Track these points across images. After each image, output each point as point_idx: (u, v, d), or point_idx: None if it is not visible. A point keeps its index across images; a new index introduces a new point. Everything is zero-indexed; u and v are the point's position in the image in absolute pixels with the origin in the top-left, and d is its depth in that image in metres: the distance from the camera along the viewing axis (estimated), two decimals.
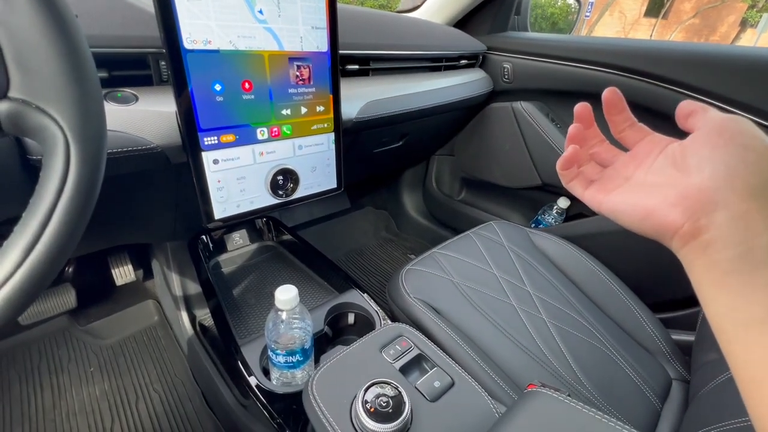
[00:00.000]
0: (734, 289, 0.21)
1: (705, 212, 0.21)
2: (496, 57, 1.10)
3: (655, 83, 0.81)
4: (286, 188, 0.64)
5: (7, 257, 0.24)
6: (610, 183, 0.28)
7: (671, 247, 0.24)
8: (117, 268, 1.03)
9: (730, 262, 0.21)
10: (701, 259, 0.22)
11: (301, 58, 0.59)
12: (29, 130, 0.25)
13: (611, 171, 0.29)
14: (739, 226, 0.20)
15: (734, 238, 0.21)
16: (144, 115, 0.50)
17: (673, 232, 0.23)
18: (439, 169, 1.42)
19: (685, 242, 0.23)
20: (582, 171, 0.30)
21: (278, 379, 0.57)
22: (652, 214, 0.24)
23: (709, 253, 0.21)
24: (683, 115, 0.25)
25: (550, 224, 1.08)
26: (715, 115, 0.23)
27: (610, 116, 0.29)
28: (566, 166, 0.30)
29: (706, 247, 0.22)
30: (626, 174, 0.27)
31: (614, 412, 0.58)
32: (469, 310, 0.66)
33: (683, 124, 0.25)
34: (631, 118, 0.29)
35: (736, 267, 0.21)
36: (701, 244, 0.22)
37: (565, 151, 0.30)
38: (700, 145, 0.23)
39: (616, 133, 0.30)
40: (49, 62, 0.25)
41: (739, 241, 0.20)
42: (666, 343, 0.69)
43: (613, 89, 0.29)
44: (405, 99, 0.86)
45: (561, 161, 0.30)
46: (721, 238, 0.21)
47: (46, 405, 0.85)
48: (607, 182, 0.28)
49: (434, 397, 0.46)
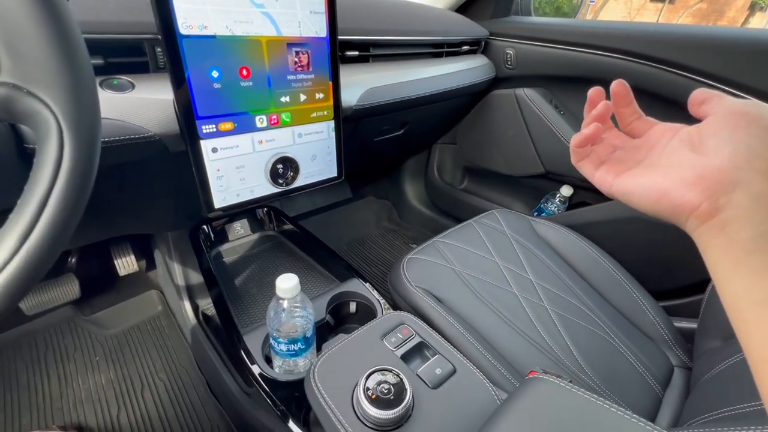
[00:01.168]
0: (752, 268, 0.20)
1: (725, 191, 0.21)
2: (498, 42, 1.08)
3: (663, 68, 0.79)
4: (286, 177, 0.64)
5: (2, 244, 0.23)
6: (621, 165, 0.27)
7: (685, 227, 0.24)
8: (119, 258, 1.03)
9: (751, 241, 0.20)
10: (719, 239, 0.22)
11: (300, 43, 0.58)
12: (21, 115, 0.25)
13: (622, 153, 0.28)
14: (760, 205, 0.20)
15: (755, 218, 0.20)
16: (141, 102, 0.49)
17: (690, 212, 0.23)
18: (440, 158, 1.40)
19: (702, 222, 0.22)
20: (594, 149, 0.30)
21: (281, 367, 0.58)
22: (667, 195, 0.23)
23: (728, 233, 0.21)
24: (697, 101, 0.25)
25: (553, 212, 1.07)
26: (733, 100, 0.23)
27: (618, 108, 0.29)
28: (583, 144, 0.29)
29: (724, 226, 0.21)
30: (638, 157, 0.27)
31: (615, 398, 0.58)
32: (471, 299, 0.66)
33: (696, 111, 0.25)
34: (638, 111, 0.29)
35: (757, 246, 0.20)
36: (719, 224, 0.22)
37: (587, 128, 0.29)
38: (720, 126, 0.23)
39: (624, 126, 0.30)
40: (39, 45, 0.24)
41: (760, 220, 0.20)
42: (668, 331, 0.69)
43: (622, 82, 0.29)
44: (406, 86, 0.85)
45: (579, 137, 0.29)
46: (740, 218, 0.21)
47: (53, 393, 0.86)
48: (617, 164, 0.28)
49: (436, 384, 0.46)
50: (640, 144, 0.28)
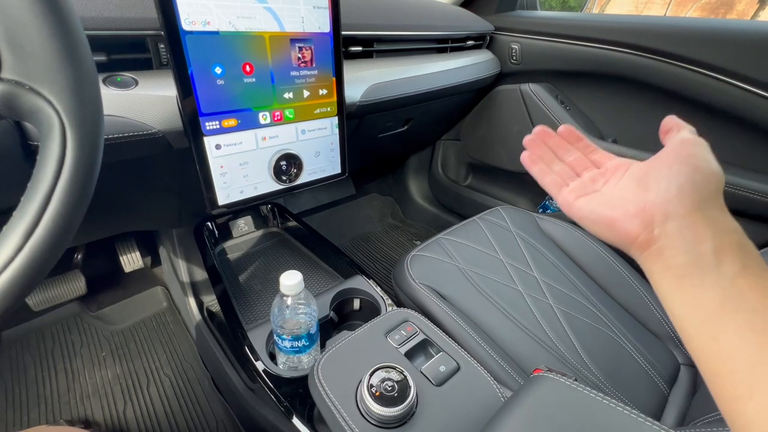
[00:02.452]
0: (688, 291, 0.23)
1: (658, 223, 0.24)
2: (503, 37, 1.07)
3: (670, 62, 0.77)
4: (290, 174, 0.64)
5: (7, 241, 0.23)
6: (581, 190, 0.31)
7: (632, 254, 0.27)
8: (125, 255, 1.04)
9: (682, 267, 0.23)
10: (657, 265, 0.25)
11: (303, 39, 0.57)
12: (24, 112, 0.25)
13: (585, 180, 0.32)
14: (687, 234, 0.23)
15: (683, 246, 0.23)
16: (144, 99, 0.49)
17: (632, 240, 0.26)
18: (444, 154, 1.40)
19: (642, 250, 0.25)
20: (559, 173, 0.33)
21: (285, 363, 0.58)
22: (615, 224, 0.27)
23: (664, 259, 0.24)
24: (664, 130, 0.28)
25: (558, 209, 1.06)
26: (679, 137, 0.26)
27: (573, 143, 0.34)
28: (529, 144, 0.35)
29: (660, 253, 0.24)
30: (596, 186, 0.31)
31: (621, 396, 0.58)
32: (475, 296, 0.66)
33: (662, 138, 0.28)
34: (591, 146, 0.34)
35: (688, 271, 0.23)
36: (656, 252, 0.24)
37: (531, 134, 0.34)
38: (660, 165, 0.26)
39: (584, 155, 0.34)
40: (40, 42, 0.24)
41: (687, 248, 0.23)
42: (674, 328, 0.68)
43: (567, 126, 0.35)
44: (410, 82, 0.84)
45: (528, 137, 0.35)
46: (672, 246, 0.24)
47: (61, 388, 0.87)
48: (579, 189, 0.31)
49: (440, 382, 0.46)
50: (598, 176, 0.31)
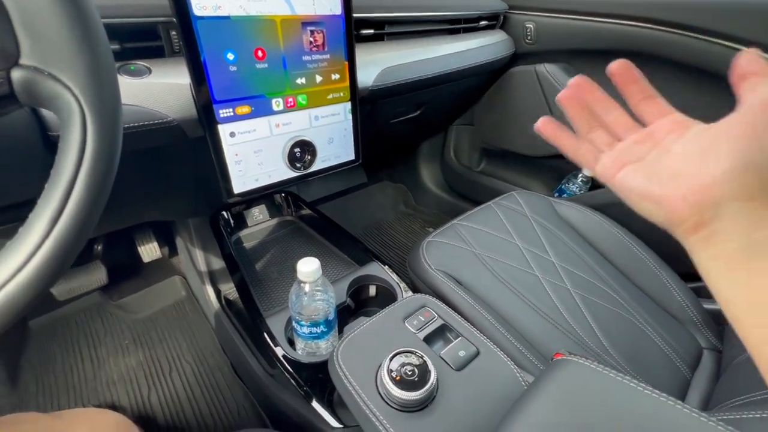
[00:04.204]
0: (739, 278, 0.21)
1: (714, 206, 0.21)
2: (518, 16, 1.04)
3: (695, 36, 0.74)
4: (304, 161, 0.63)
5: (33, 228, 0.24)
6: (623, 158, 0.26)
7: (676, 235, 0.24)
8: (143, 245, 1.06)
9: (736, 252, 0.21)
10: (707, 251, 0.22)
11: (315, 22, 0.56)
12: (44, 99, 0.25)
13: (624, 145, 0.27)
14: (743, 221, 0.21)
15: (737, 232, 0.21)
16: (158, 87, 0.49)
17: (680, 223, 0.23)
18: (457, 140, 1.37)
19: (690, 234, 0.23)
20: (592, 139, 0.29)
21: (303, 349, 0.58)
22: (661, 203, 0.23)
23: (715, 244, 0.22)
24: (739, 74, 0.22)
25: (575, 193, 1.04)
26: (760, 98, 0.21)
27: (624, 86, 0.27)
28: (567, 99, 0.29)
29: (709, 238, 0.22)
30: (641, 152, 0.26)
31: (642, 380, 0.57)
32: (492, 281, 0.65)
33: (736, 85, 0.22)
34: (648, 89, 0.27)
35: (741, 257, 0.21)
36: (706, 236, 0.22)
37: None
38: (727, 133, 0.21)
39: (632, 105, 0.27)
40: (58, 28, 0.24)
41: (742, 233, 0.21)
42: (697, 312, 0.67)
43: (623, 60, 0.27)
44: (422, 65, 0.82)
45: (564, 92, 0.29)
46: (724, 230, 0.21)
47: (88, 375, 0.90)
48: (622, 156, 0.26)
49: (459, 366, 0.46)
50: (644, 138, 0.26)
